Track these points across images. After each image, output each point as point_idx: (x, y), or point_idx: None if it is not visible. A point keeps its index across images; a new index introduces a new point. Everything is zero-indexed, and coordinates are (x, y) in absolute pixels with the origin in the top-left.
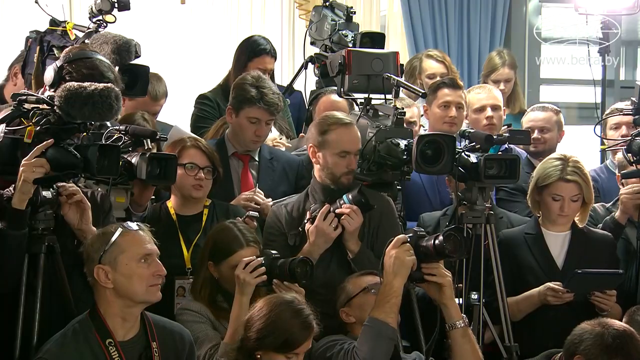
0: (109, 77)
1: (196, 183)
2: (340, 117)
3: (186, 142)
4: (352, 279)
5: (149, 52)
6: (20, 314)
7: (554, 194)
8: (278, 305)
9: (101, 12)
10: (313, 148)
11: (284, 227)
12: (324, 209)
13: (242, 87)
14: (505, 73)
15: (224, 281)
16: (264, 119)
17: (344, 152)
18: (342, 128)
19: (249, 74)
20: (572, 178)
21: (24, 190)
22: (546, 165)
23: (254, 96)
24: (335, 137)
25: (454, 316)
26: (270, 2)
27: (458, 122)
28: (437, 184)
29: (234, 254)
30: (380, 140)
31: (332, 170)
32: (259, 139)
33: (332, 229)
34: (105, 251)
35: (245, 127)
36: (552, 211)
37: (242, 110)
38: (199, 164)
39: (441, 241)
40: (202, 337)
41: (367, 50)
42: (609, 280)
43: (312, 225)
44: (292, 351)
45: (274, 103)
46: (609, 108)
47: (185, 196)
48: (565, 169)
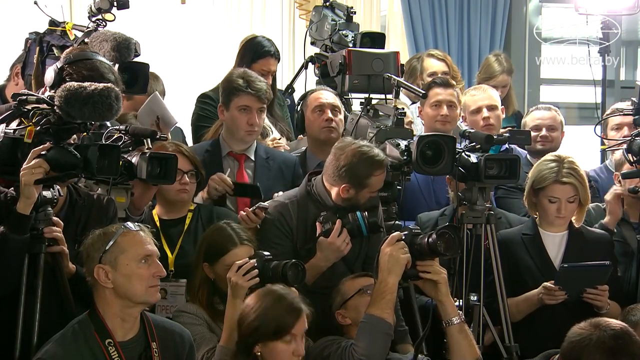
0: (109, 79)
1: (181, 188)
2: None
3: (167, 148)
4: (347, 281)
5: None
6: (20, 314)
7: (550, 197)
8: (263, 296)
9: (100, 10)
10: (348, 188)
11: (292, 231)
12: (337, 225)
13: (228, 81)
14: (504, 80)
15: (220, 281)
16: (254, 106)
17: (375, 191)
18: (381, 171)
19: (235, 70)
20: (567, 180)
21: (27, 195)
22: (541, 167)
23: (241, 84)
24: (375, 182)
25: (449, 312)
26: (270, 2)
27: (451, 120)
28: (432, 184)
29: (228, 253)
30: (381, 140)
31: (355, 203)
32: (253, 129)
33: (345, 244)
34: (106, 251)
35: (237, 118)
36: (549, 213)
37: (232, 102)
38: (182, 168)
39: (435, 239)
40: (198, 339)
41: (368, 50)
42: (598, 274)
43: (324, 240)
44: (286, 335)
45: (261, 89)
46: (609, 108)
47: (170, 201)
48: (560, 170)
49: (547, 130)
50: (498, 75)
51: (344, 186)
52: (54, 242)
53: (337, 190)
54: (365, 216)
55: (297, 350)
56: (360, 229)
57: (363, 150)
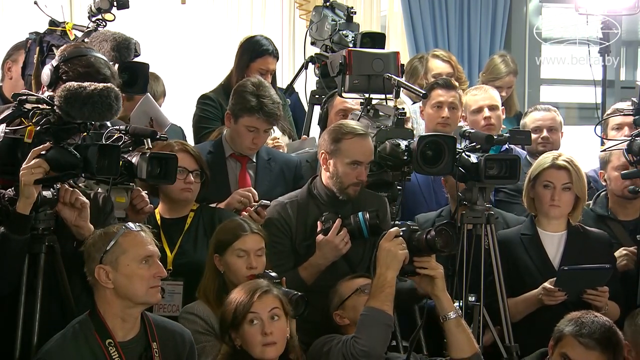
0: (105, 74)
1: (185, 187)
2: (355, 127)
3: (174, 147)
4: (344, 282)
5: (148, 51)
6: (21, 314)
7: (545, 181)
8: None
9: (100, 10)
10: (325, 155)
11: (291, 230)
12: (337, 224)
13: (242, 95)
14: (510, 81)
15: (229, 272)
16: (262, 128)
17: (356, 163)
18: (356, 138)
19: (249, 80)
20: (562, 164)
21: (26, 195)
22: (539, 160)
23: (254, 106)
24: (348, 147)
25: (446, 308)
26: (270, 2)
27: (451, 122)
28: (433, 184)
29: (238, 239)
30: (381, 140)
31: (342, 179)
32: (256, 147)
33: (344, 243)
34: (107, 251)
35: (243, 134)
36: (543, 202)
37: (241, 118)
38: (187, 167)
39: (433, 236)
40: (199, 349)
41: (368, 51)
42: (598, 276)
43: (323, 238)
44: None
45: (273, 113)
46: (610, 108)
47: (173, 200)
48: (557, 158)
49: (548, 131)
50: (504, 77)
51: (322, 156)
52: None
53: (324, 170)
54: (366, 218)
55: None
56: (361, 230)
57: (339, 122)
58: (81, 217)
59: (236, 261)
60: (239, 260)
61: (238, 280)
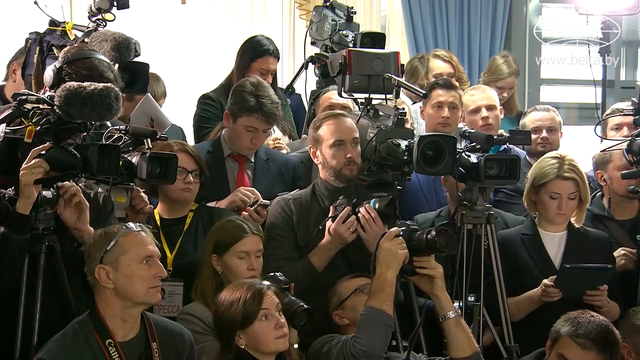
0: (108, 77)
1: (185, 187)
2: (330, 112)
3: (173, 147)
4: (343, 282)
5: (149, 51)
6: (21, 314)
7: (552, 192)
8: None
9: (100, 10)
10: (312, 148)
11: (293, 224)
12: (345, 212)
13: (241, 94)
14: (512, 82)
15: (227, 273)
16: (261, 128)
17: (338, 142)
18: (331, 119)
19: (248, 80)
20: (569, 175)
21: (26, 195)
22: (542, 165)
23: (253, 106)
24: (326, 130)
25: (445, 307)
26: (270, 2)
27: (451, 122)
28: (434, 184)
29: (239, 241)
30: (381, 140)
31: (331, 163)
32: (255, 147)
33: (350, 232)
34: (107, 251)
35: (242, 134)
36: (549, 210)
37: (240, 118)
38: (187, 167)
39: (433, 236)
40: (199, 349)
41: (368, 50)
42: (599, 276)
43: (330, 223)
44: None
45: (272, 113)
46: (610, 108)
47: (173, 200)
48: (562, 167)
49: (547, 131)
50: (506, 77)
51: (311, 151)
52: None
53: (316, 163)
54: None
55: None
56: None
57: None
58: (80, 220)
59: (237, 263)
60: (240, 261)
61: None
